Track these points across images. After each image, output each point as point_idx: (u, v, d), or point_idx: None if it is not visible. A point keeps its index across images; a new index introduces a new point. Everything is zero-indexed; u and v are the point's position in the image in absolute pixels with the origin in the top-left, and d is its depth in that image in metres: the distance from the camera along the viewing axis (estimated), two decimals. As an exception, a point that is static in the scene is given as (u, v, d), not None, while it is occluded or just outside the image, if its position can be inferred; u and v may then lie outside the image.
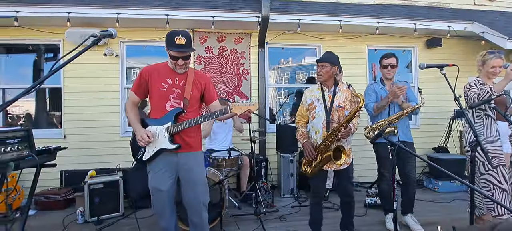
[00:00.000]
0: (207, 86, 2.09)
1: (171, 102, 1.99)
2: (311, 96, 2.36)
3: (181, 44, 1.84)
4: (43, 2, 3.62)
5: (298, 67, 5.31)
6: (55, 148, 1.82)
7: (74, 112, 4.04)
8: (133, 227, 3.04)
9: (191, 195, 2.03)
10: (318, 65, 2.31)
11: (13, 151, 1.55)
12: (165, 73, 2.00)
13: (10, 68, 4.30)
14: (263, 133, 4.26)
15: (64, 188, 3.67)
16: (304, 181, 4.17)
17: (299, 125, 2.42)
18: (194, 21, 3.96)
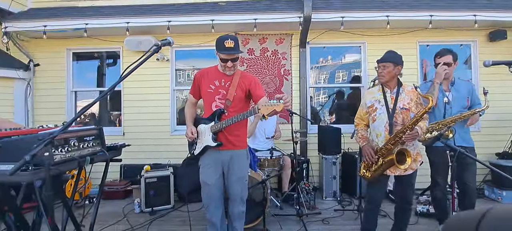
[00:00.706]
0: (252, 85, 2.16)
1: (216, 102, 2.15)
2: (371, 98, 2.27)
3: (230, 47, 1.99)
4: (107, 15, 4.08)
5: (339, 66, 5.14)
6: (121, 145, 2.06)
7: (131, 112, 4.47)
8: (182, 219, 3.28)
9: (230, 190, 2.21)
10: (379, 65, 2.20)
11: (89, 147, 1.79)
12: (214, 75, 2.17)
13: (79, 73, 4.92)
14: (304, 134, 4.23)
15: (123, 180, 4.10)
16: (347, 184, 4.04)
17: (358, 127, 2.35)
18: (237, 24, 4.09)
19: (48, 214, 1.41)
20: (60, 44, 4.46)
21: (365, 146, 2.23)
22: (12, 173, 1.24)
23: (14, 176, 1.30)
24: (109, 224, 3.12)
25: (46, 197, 1.37)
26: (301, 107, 4.36)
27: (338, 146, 3.97)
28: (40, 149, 1.29)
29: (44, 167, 1.37)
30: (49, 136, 1.36)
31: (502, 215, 0.43)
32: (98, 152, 1.87)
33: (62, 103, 4.51)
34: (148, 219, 3.26)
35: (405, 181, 2.21)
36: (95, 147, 1.87)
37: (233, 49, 2.00)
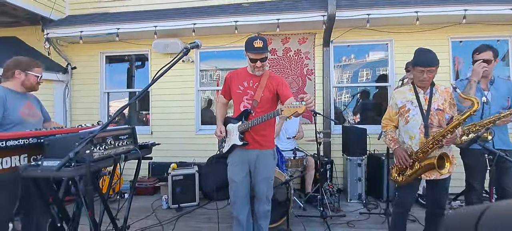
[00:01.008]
0: (280, 86, 2.18)
1: (244, 103, 2.21)
2: (402, 98, 2.16)
3: (258, 47, 2.05)
4: (136, 19, 4.29)
5: (364, 64, 4.98)
6: (151, 143, 2.16)
7: (158, 112, 4.67)
8: (207, 216, 3.37)
9: (256, 189, 2.26)
10: (424, 70, 1.98)
11: (123, 145, 1.90)
12: (243, 76, 2.24)
13: (111, 75, 5.22)
14: (328, 134, 4.16)
15: (152, 177, 4.29)
16: (373, 187, 3.92)
17: (387, 129, 2.25)
18: (260, 25, 4.12)
19: (89, 208, 1.52)
20: (94, 48, 4.76)
21: (398, 148, 2.12)
22: (58, 168, 1.36)
23: (58, 172, 1.43)
24: (140, 219, 3.28)
25: (87, 192, 1.48)
26: (325, 108, 4.30)
27: (364, 147, 3.87)
28: (82, 147, 1.40)
29: (85, 164, 1.49)
30: (90, 135, 1.47)
31: (502, 211, 0.43)
32: (131, 150, 1.98)
33: (96, 103, 4.81)
34: (175, 215, 3.39)
35: (440, 185, 2.10)
36: (129, 146, 1.98)
37: (261, 49, 2.05)
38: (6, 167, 1.58)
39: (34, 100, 2.28)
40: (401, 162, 2.07)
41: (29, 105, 2.17)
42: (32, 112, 2.17)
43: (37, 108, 2.27)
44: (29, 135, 1.68)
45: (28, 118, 2.10)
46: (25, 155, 1.69)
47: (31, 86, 2.15)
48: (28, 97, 2.20)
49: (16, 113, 2.03)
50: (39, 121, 2.21)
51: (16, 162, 1.63)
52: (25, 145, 1.65)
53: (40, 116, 2.24)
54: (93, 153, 1.63)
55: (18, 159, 1.65)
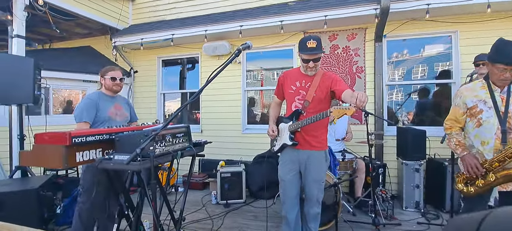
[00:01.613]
0: (333, 82, 2.11)
1: (296, 103, 2.20)
2: (472, 97, 1.88)
3: (312, 48, 2.01)
4: (188, 25, 4.58)
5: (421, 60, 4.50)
6: (204, 141, 2.29)
7: (208, 112, 4.92)
8: (253, 214, 3.44)
9: (306, 190, 2.23)
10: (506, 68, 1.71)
11: (179, 142, 2.05)
12: (295, 76, 2.23)
13: (166, 78, 5.67)
14: (380, 136, 3.90)
15: (202, 173, 4.55)
16: (433, 195, 3.55)
17: (452, 131, 1.99)
18: (306, 23, 4.04)
19: (153, 199, 1.68)
20: (152, 53, 5.23)
21: (468, 155, 1.85)
22: (128, 162, 1.53)
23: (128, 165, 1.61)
24: (191, 212, 3.51)
25: (151, 185, 1.64)
26: (376, 107, 4.03)
27: (422, 150, 3.52)
28: (147, 143, 1.56)
29: (149, 159, 1.65)
30: (153, 133, 1.62)
31: (504, 217, 0.42)
32: (186, 147, 2.12)
33: (154, 103, 5.29)
34: (223, 211, 3.53)
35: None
36: (184, 143, 2.13)
37: (315, 49, 2.01)
38: (86, 159, 1.84)
39: (123, 102, 2.61)
40: (470, 171, 1.81)
41: (117, 106, 2.50)
42: (120, 112, 2.50)
43: (125, 109, 2.58)
44: (102, 131, 1.92)
45: (115, 117, 2.44)
46: (100, 149, 1.93)
47: (110, 88, 2.46)
48: (117, 100, 2.54)
49: (106, 113, 2.38)
50: (125, 120, 2.53)
51: (93, 155, 1.88)
52: (100, 140, 1.89)
53: (126, 116, 2.56)
54: (155, 149, 1.80)
55: (94, 152, 1.91)
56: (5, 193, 2.68)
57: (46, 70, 3.77)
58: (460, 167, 1.98)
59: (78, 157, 1.78)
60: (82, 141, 1.77)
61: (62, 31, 5.36)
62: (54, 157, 1.71)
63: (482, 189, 1.80)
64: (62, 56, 4.95)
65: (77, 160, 1.79)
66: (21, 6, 3.84)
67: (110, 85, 2.45)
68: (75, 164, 1.80)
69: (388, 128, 4.12)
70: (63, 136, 1.68)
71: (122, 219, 2.14)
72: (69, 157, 1.72)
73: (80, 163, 1.82)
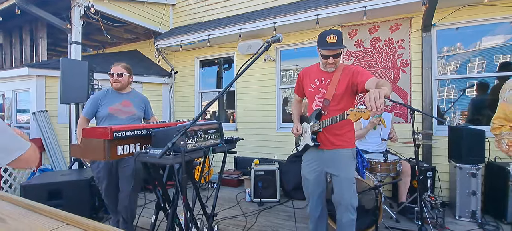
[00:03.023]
0: (354, 75, 1.95)
1: (316, 101, 2.11)
2: None
3: (332, 43, 1.89)
4: (223, 25, 4.68)
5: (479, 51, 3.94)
6: (236, 138, 2.29)
7: (243, 110, 4.97)
8: (287, 214, 3.37)
9: (336, 191, 2.09)
10: None
11: (211, 139, 2.08)
12: (315, 74, 2.12)
13: (204, 78, 5.87)
14: (428, 136, 3.52)
15: (237, 171, 4.61)
16: (493, 204, 3.11)
17: (502, 131, 1.78)
18: (343, 15, 3.83)
19: (183, 193, 1.73)
20: (191, 54, 5.46)
21: None
22: (160, 156, 1.59)
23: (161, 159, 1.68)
24: (225, 208, 3.57)
25: (182, 179, 1.68)
26: (425, 104, 3.65)
27: (480, 153, 3.10)
28: (178, 138, 1.60)
29: (181, 153, 1.70)
30: (183, 128, 1.66)
31: None
32: (218, 144, 2.15)
33: (192, 102, 5.52)
34: (256, 209, 3.53)
35: None
36: (216, 139, 2.16)
37: (335, 44, 1.88)
38: (126, 152, 1.97)
39: (136, 99, 2.58)
40: None
41: (125, 103, 2.48)
42: (126, 109, 2.47)
43: (136, 106, 2.55)
44: (141, 127, 2.04)
45: (118, 114, 2.42)
46: (139, 144, 2.05)
47: (112, 85, 2.48)
48: (127, 96, 2.53)
49: (106, 110, 2.39)
50: (131, 117, 2.50)
51: (132, 149, 2.00)
52: (138, 135, 2.00)
53: (134, 113, 2.52)
54: (187, 144, 1.85)
55: (134, 146, 2.03)
56: (63, 182, 3.03)
57: (98, 72, 4.16)
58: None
59: (119, 150, 1.91)
60: (123, 135, 1.89)
61: (113, 37, 5.89)
62: (98, 149, 1.85)
63: None
64: (112, 60, 5.43)
65: (118, 153, 1.91)
66: (78, 15, 4.30)
67: (111, 81, 2.46)
68: (116, 156, 1.93)
69: (438, 128, 3.71)
70: (105, 131, 1.81)
71: (160, 211, 2.24)
72: (111, 150, 1.85)
73: (121, 155, 1.95)
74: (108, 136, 1.78)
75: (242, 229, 2.97)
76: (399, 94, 3.82)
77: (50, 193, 2.93)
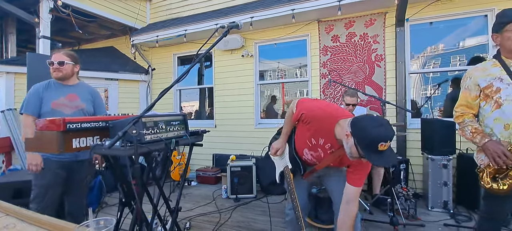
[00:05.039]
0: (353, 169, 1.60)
1: (307, 156, 1.77)
2: (485, 76, 1.63)
3: (382, 151, 1.28)
4: (200, 20, 4.60)
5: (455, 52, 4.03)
6: (202, 131, 2.21)
7: (221, 106, 4.90)
8: (263, 209, 3.33)
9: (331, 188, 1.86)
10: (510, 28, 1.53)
11: (174, 131, 2.01)
12: (324, 132, 1.61)
13: (183, 75, 5.75)
14: (402, 128, 3.56)
15: (215, 168, 4.53)
16: (464, 194, 3.16)
17: (465, 118, 1.72)
18: (319, 10, 3.83)
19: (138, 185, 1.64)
20: (168, 51, 5.34)
21: (490, 142, 1.56)
22: (109, 146, 1.51)
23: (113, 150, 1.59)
24: (201, 205, 3.49)
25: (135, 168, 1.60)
26: (398, 98, 3.69)
27: (452, 144, 3.15)
28: (130, 127, 1.52)
29: (139, 145, 1.62)
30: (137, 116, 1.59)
31: None
32: (182, 136, 2.07)
33: (170, 99, 5.40)
34: (232, 205, 3.47)
35: None
36: (180, 131, 2.09)
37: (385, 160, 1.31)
38: (83, 145, 1.86)
39: (84, 92, 2.28)
40: (498, 161, 1.51)
41: (71, 96, 2.19)
42: (72, 103, 2.19)
43: (84, 100, 2.25)
44: (99, 119, 1.94)
45: (62, 108, 2.14)
46: (98, 137, 1.95)
47: (52, 75, 2.17)
48: (73, 89, 2.23)
49: (49, 104, 2.11)
50: (77, 112, 2.22)
51: (90, 142, 1.90)
52: (96, 128, 1.90)
53: (80, 108, 2.23)
54: (145, 136, 1.77)
55: (92, 139, 1.93)
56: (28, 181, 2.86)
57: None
58: (477, 160, 1.70)
59: (74, 143, 1.80)
60: (77, 127, 1.79)
61: (88, 33, 5.70)
62: (51, 142, 1.75)
63: None
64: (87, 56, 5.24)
65: (74, 146, 1.80)
66: (46, 9, 4.13)
67: (51, 71, 2.14)
68: (72, 149, 1.82)
69: (412, 121, 3.76)
70: (57, 122, 1.71)
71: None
72: (65, 142, 1.75)
73: (78, 149, 1.84)
74: (61, 128, 1.68)
75: (215, 225, 2.91)
76: (374, 88, 3.85)
77: (15, 191, 2.82)
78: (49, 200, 2.20)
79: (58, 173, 2.22)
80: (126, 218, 2.21)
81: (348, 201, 1.57)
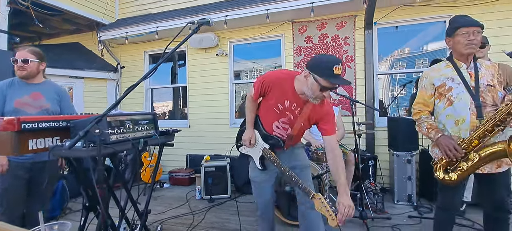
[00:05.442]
0: (324, 118, 1.73)
1: (279, 124, 1.81)
2: (439, 76, 1.76)
3: (338, 75, 1.47)
4: (173, 17, 4.47)
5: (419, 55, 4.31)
6: (173, 130, 2.15)
7: (195, 106, 4.80)
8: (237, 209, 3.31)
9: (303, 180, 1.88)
10: (468, 31, 1.64)
11: (143, 130, 1.93)
12: (287, 93, 1.72)
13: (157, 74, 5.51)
14: (371, 127, 3.73)
15: (189, 169, 4.43)
16: (427, 187, 3.38)
17: (421, 115, 1.84)
18: (293, 11, 3.90)
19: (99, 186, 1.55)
20: (139, 48, 5.13)
21: (442, 137, 1.68)
22: (70, 147, 1.41)
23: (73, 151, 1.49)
24: (173, 207, 3.39)
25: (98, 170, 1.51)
26: (367, 97, 3.86)
27: (415, 141, 3.36)
28: (91, 126, 1.43)
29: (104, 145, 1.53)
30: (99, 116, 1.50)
31: None
32: (151, 135, 1.99)
33: (141, 99, 5.19)
34: (206, 206, 3.41)
35: (500, 181, 1.66)
36: (149, 131, 2.01)
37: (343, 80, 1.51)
38: (41, 147, 1.73)
39: (49, 91, 2.18)
40: (449, 154, 1.64)
41: (35, 95, 2.11)
42: (36, 103, 2.10)
43: (49, 99, 2.15)
44: (58, 118, 1.80)
45: (25, 108, 2.06)
46: (58, 138, 1.82)
47: (16, 73, 2.09)
48: (38, 87, 2.14)
49: (12, 104, 2.03)
50: (41, 112, 2.13)
51: (49, 144, 1.77)
52: (56, 128, 1.77)
53: (45, 107, 2.14)
54: (110, 136, 1.68)
55: (51, 140, 1.79)
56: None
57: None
58: (432, 154, 1.83)
59: (30, 144, 1.67)
60: (34, 127, 1.65)
61: (50, 28, 5.31)
62: (5, 143, 1.61)
63: (466, 173, 1.64)
64: (49, 52, 4.88)
65: (30, 147, 1.67)
66: (4, 1, 3.79)
67: (15, 68, 2.06)
68: (28, 151, 1.68)
69: (380, 119, 3.95)
70: (11, 122, 1.57)
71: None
72: (20, 144, 1.61)
73: (34, 150, 1.71)
74: (15, 128, 1.54)
75: (188, 227, 2.84)
76: (345, 89, 3.99)
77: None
78: (9, 204, 2.08)
79: (18, 175, 2.08)
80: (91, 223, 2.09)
81: (332, 149, 1.70)
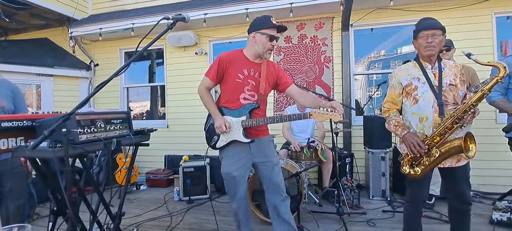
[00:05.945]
0: (281, 73, 2.00)
1: (245, 94, 1.94)
2: (406, 76, 1.85)
3: (277, 23, 1.87)
4: (150, 13, 4.34)
5: (394, 57, 4.51)
6: (148, 129, 2.08)
7: (174, 106, 4.70)
8: (217, 209, 3.26)
9: (271, 177, 2.00)
10: (427, 33, 1.73)
11: (116, 129, 1.85)
12: (242, 63, 1.94)
13: (132, 72, 5.38)
14: (347, 125, 3.84)
15: (167, 170, 4.32)
16: (399, 183, 3.53)
17: (390, 113, 1.93)
18: (273, 11, 3.90)
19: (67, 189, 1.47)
20: (114, 45, 4.93)
21: (408, 134, 1.77)
22: (33, 147, 1.32)
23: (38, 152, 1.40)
24: (150, 209, 3.29)
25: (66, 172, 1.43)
26: (344, 97, 3.97)
27: (388, 139, 3.50)
28: (57, 125, 1.35)
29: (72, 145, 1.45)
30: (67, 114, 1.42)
31: None
32: (125, 135, 1.92)
33: (116, 98, 4.99)
34: (185, 207, 3.34)
35: (461, 173, 1.77)
36: (122, 130, 1.93)
37: (281, 27, 1.91)
38: (4, 148, 1.61)
39: (1, 89, 2.08)
40: (413, 150, 1.72)
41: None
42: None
43: (3, 97, 2.05)
44: (23, 117, 1.69)
45: None
46: (22, 138, 1.70)
47: None
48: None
49: None
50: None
51: (12, 144, 1.65)
52: (20, 127, 1.66)
53: (2, 106, 2.03)
54: (80, 135, 1.59)
55: (15, 141, 1.67)
56: None
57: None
58: (400, 150, 1.91)
59: (-8, 144, 1.56)
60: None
61: (17, 23, 4.96)
62: (-36, 144, 1.49)
63: (429, 168, 1.73)
64: (13, 47, 4.57)
65: (-8, 148, 1.56)
66: (-41, -10, 3.48)
67: None
68: (-11, 151, 1.57)
69: (356, 118, 4.08)
70: (-30, 121, 1.45)
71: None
72: (-19, 144, 1.49)
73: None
74: (-27, 127, 1.43)
75: (165, 229, 2.76)
76: (323, 88, 4.08)
77: None
78: None
79: None
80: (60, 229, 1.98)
81: (299, 92, 2.06)
